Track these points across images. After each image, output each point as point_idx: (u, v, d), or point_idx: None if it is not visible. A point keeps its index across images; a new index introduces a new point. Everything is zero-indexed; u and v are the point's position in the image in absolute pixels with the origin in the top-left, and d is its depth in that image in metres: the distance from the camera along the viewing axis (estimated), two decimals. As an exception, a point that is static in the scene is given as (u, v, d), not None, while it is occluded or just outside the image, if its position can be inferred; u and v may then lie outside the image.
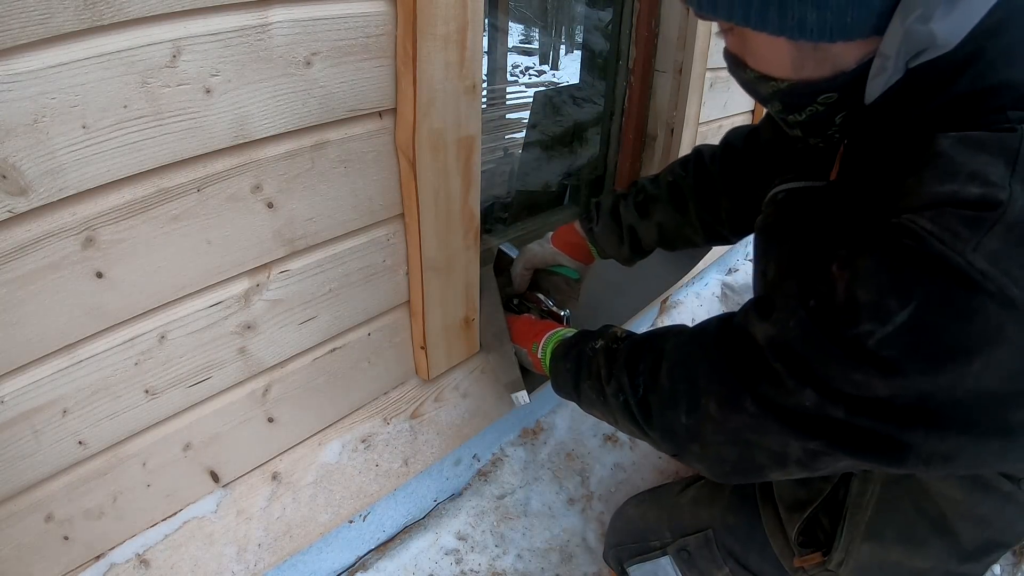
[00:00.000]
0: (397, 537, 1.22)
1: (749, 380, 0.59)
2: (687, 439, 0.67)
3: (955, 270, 0.45)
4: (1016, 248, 0.44)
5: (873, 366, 0.49)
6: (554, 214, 1.72)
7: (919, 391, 0.49)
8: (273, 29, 0.71)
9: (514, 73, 10.49)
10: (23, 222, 0.61)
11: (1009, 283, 0.44)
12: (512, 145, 2.46)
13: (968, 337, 0.46)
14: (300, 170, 0.81)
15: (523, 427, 1.48)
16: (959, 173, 0.47)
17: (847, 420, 0.52)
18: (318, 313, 0.93)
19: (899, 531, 0.74)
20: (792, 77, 0.56)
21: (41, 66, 0.57)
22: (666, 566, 1.01)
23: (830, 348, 0.51)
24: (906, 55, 0.50)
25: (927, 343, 0.47)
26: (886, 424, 0.51)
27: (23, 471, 0.71)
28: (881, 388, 0.50)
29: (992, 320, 0.45)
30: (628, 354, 0.76)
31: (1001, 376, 0.47)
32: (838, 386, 0.52)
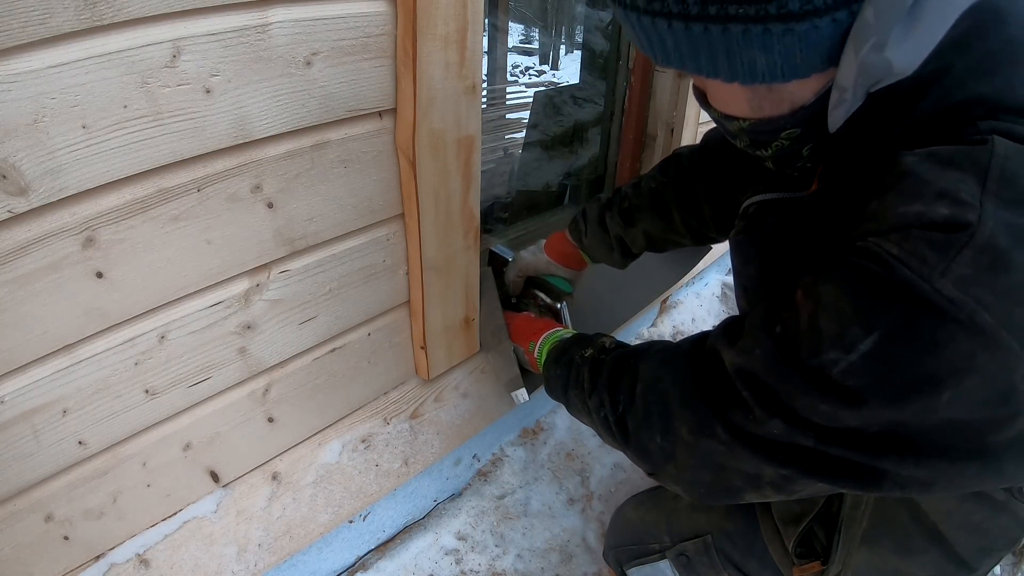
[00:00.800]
0: (397, 537, 1.22)
1: (719, 407, 0.58)
2: (662, 460, 0.67)
3: (922, 298, 0.42)
4: (987, 273, 0.41)
5: (838, 396, 0.48)
6: (554, 214, 1.73)
7: (888, 420, 0.47)
8: (273, 29, 0.71)
9: (514, 73, 10.49)
10: (23, 222, 0.61)
11: (980, 310, 0.41)
12: (512, 145, 2.46)
13: (936, 367, 0.44)
14: (300, 170, 0.81)
15: (523, 427, 1.48)
16: (926, 192, 0.45)
17: (818, 448, 0.51)
18: (318, 313, 0.93)
19: (895, 541, 0.74)
20: (752, 116, 0.55)
21: (41, 66, 0.57)
22: (665, 570, 1.01)
23: (794, 378, 0.50)
24: (864, 86, 0.48)
25: (893, 374, 0.45)
26: (858, 453, 0.50)
27: (23, 471, 0.71)
28: (849, 418, 0.49)
29: (962, 350, 0.43)
30: (610, 370, 0.76)
31: (974, 405, 0.45)
32: (806, 415, 0.51)
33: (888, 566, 0.77)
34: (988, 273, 0.41)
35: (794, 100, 0.52)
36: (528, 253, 1.18)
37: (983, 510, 0.69)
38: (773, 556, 0.90)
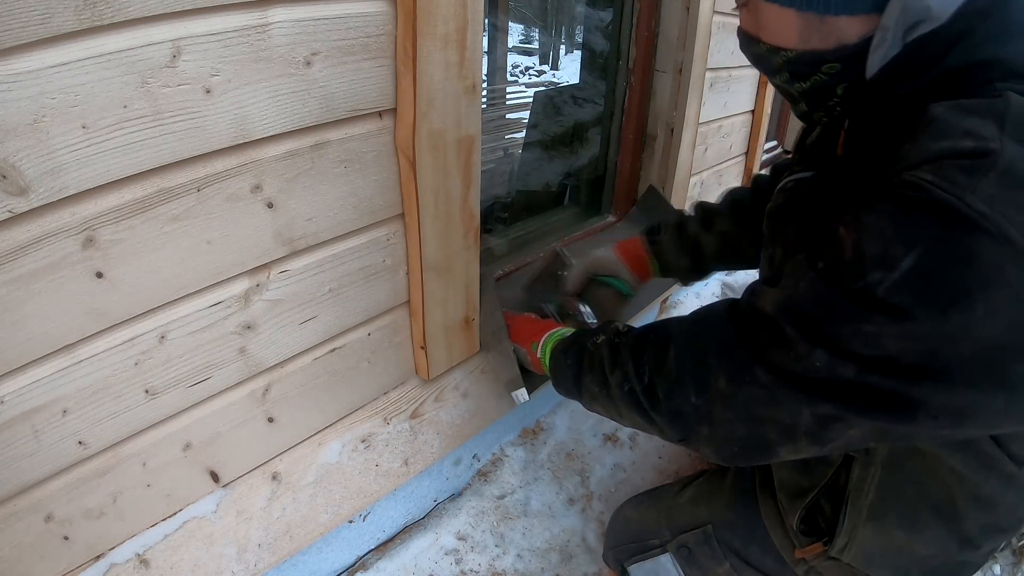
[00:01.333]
0: (397, 537, 1.22)
1: (760, 350, 0.60)
2: (695, 421, 0.67)
3: (956, 212, 0.47)
4: (1011, 192, 0.47)
5: (883, 313, 0.51)
6: (554, 214, 1.72)
7: (926, 345, 0.50)
8: (273, 29, 0.71)
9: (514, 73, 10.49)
10: (23, 222, 0.61)
11: (1007, 223, 0.46)
12: (512, 145, 2.46)
13: (971, 278, 0.48)
14: (300, 170, 0.81)
15: (523, 427, 1.48)
16: (953, 132, 0.50)
17: (858, 379, 0.54)
18: (318, 313, 0.93)
19: (901, 515, 0.75)
20: (799, 47, 0.60)
21: (41, 66, 0.57)
22: (666, 564, 1.00)
23: (840, 302, 0.53)
24: (904, 26, 0.54)
25: (933, 286, 0.49)
26: (896, 380, 0.52)
27: (23, 471, 0.71)
28: (890, 340, 0.51)
29: (992, 260, 0.47)
30: (633, 344, 0.77)
31: (1003, 325, 0.48)
32: (848, 344, 0.53)
33: (893, 543, 0.76)
34: (1012, 192, 0.47)
35: (840, 37, 0.58)
36: (601, 250, 1.18)
37: (994, 481, 0.68)
38: (774, 540, 0.90)
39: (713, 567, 0.96)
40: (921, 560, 0.78)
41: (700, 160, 1.86)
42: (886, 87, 0.59)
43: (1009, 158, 0.47)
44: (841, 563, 0.83)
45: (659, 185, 1.71)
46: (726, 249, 1.11)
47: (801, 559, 0.87)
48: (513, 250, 1.51)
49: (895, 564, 0.79)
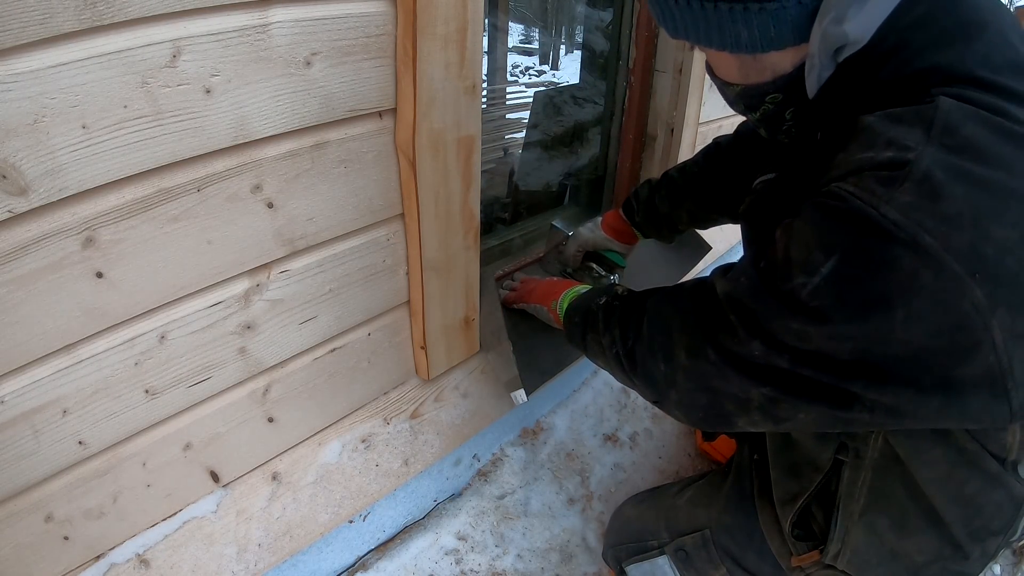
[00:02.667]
0: (397, 537, 1.21)
1: (711, 331, 0.65)
2: (665, 386, 0.73)
3: (871, 222, 0.49)
4: (926, 201, 0.48)
5: (806, 315, 0.54)
6: (554, 214, 1.72)
7: (855, 345, 0.53)
8: (273, 29, 0.71)
9: (514, 73, 10.48)
10: (23, 222, 0.61)
11: (921, 232, 0.48)
12: (512, 145, 2.46)
13: (887, 285, 0.50)
14: (300, 170, 0.81)
15: (523, 427, 1.48)
16: (877, 142, 0.53)
17: (792, 369, 0.57)
18: (318, 313, 0.93)
19: (892, 519, 0.76)
20: (743, 83, 0.67)
21: (41, 66, 0.57)
22: (663, 566, 1.01)
23: (771, 301, 0.57)
24: (828, 51, 0.58)
25: (850, 292, 0.51)
26: (828, 375, 0.55)
27: (23, 471, 0.71)
28: (817, 338, 0.54)
29: (907, 268, 0.49)
30: (621, 311, 0.82)
31: (928, 330, 0.50)
32: (781, 337, 0.57)
33: (886, 546, 0.77)
34: (927, 201, 0.48)
35: (775, 69, 0.63)
36: (586, 229, 1.28)
37: (976, 481, 0.69)
38: (771, 547, 0.90)
39: (709, 571, 0.96)
40: (918, 568, 0.78)
41: (700, 160, 1.86)
42: (827, 105, 0.62)
43: (926, 167, 0.49)
44: (836, 572, 0.83)
45: (659, 185, 1.71)
46: (697, 221, 1.19)
47: (797, 567, 0.87)
48: (513, 250, 1.51)
49: (890, 570, 0.79)
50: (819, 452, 0.81)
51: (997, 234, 0.48)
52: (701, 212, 1.15)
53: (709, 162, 1.13)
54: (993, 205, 0.49)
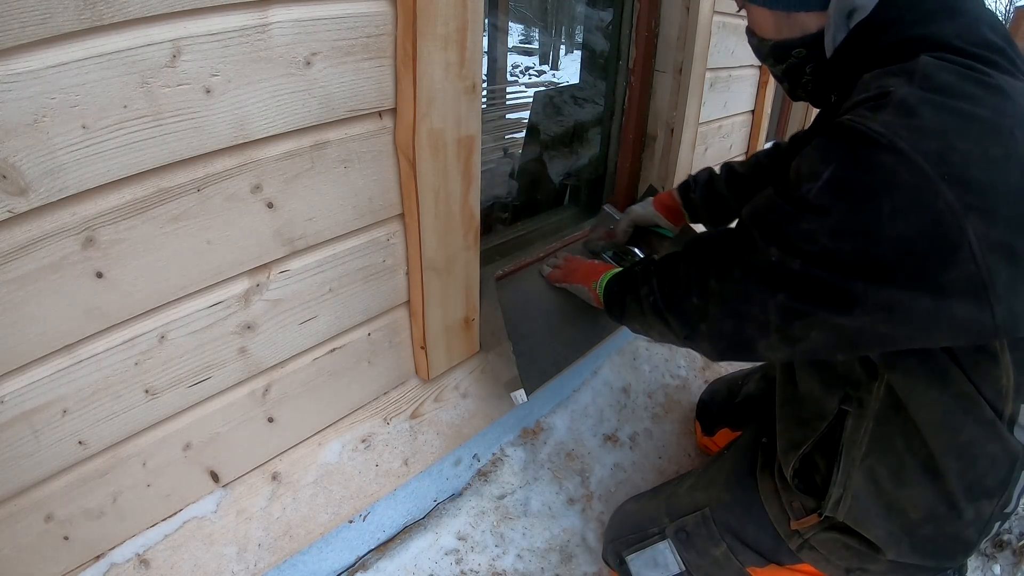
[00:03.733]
0: (397, 537, 1.21)
1: (736, 251, 0.75)
2: (697, 318, 0.82)
3: (859, 134, 0.62)
4: (902, 118, 0.60)
5: (812, 213, 0.65)
6: (554, 214, 1.72)
7: (854, 244, 0.62)
8: (273, 29, 0.71)
9: (514, 73, 10.48)
10: (23, 222, 0.61)
11: (897, 139, 0.59)
12: (512, 145, 2.46)
13: (872, 180, 0.61)
14: (300, 170, 0.81)
15: (523, 427, 1.48)
16: (871, 88, 0.66)
17: (803, 271, 0.67)
18: (318, 313, 0.93)
19: (891, 470, 0.80)
20: (776, 38, 0.81)
21: (41, 66, 0.57)
22: (664, 550, 1.02)
23: (785, 208, 0.68)
24: (842, 14, 0.72)
25: (845, 188, 0.63)
26: (833, 274, 0.65)
27: (23, 471, 0.71)
28: (822, 236, 0.64)
29: (887, 165, 0.60)
30: (659, 264, 0.93)
31: (911, 227, 0.59)
32: (794, 241, 0.67)
33: (884, 498, 0.81)
34: (903, 118, 0.60)
35: (804, 28, 0.77)
36: (639, 206, 1.40)
37: (970, 428, 0.73)
38: (770, 515, 0.94)
39: (710, 549, 0.98)
40: (913, 527, 0.80)
41: (700, 160, 1.86)
42: (840, 63, 0.76)
43: (903, 95, 0.61)
44: (834, 534, 0.86)
45: (659, 185, 1.71)
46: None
47: (795, 532, 0.90)
48: (513, 250, 1.51)
49: (887, 527, 0.81)
50: (824, 402, 0.85)
51: (961, 146, 0.59)
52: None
53: (771, 160, 1.23)
54: (957, 124, 0.60)
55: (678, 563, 1.00)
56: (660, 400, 1.66)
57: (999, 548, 1.34)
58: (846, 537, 0.85)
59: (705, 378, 1.77)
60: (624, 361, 1.73)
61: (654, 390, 1.69)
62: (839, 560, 0.88)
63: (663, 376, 1.74)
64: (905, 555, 0.82)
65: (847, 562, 0.87)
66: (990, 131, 0.59)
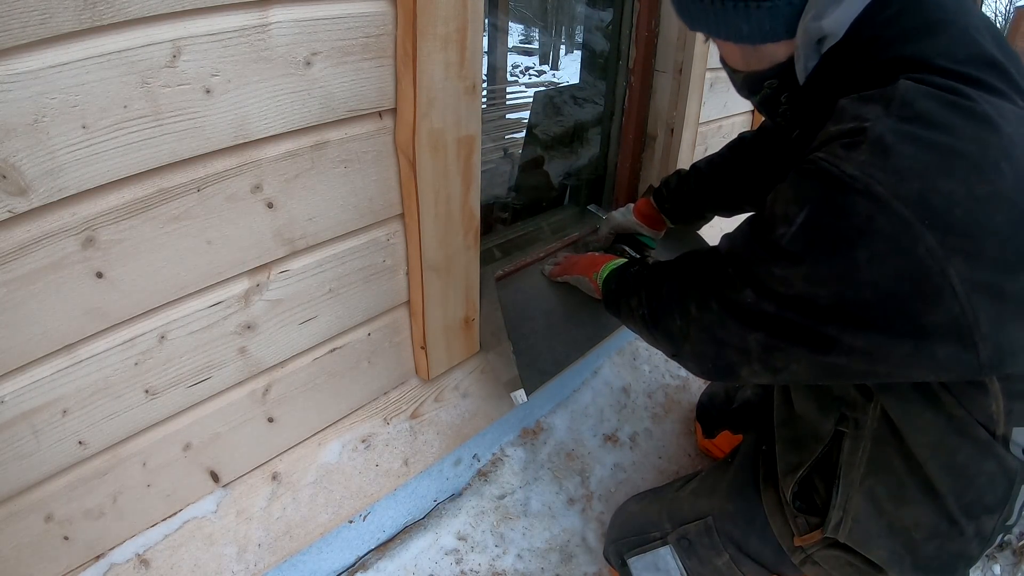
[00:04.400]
0: (397, 537, 1.21)
1: (715, 284, 0.74)
2: (681, 340, 0.81)
3: (832, 177, 0.59)
4: (878, 158, 0.57)
5: (786, 260, 0.63)
6: (554, 214, 1.72)
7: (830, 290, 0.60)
8: (273, 29, 0.71)
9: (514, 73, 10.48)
10: (23, 222, 0.61)
11: (873, 183, 0.56)
12: (512, 145, 2.46)
13: (848, 228, 0.58)
14: (300, 170, 0.81)
15: (523, 427, 1.48)
16: (846, 118, 0.62)
17: (778, 314, 0.66)
18: (318, 313, 0.93)
19: (890, 491, 0.79)
20: (746, 70, 0.77)
21: (41, 66, 0.57)
22: (666, 556, 1.01)
23: (759, 250, 0.67)
24: (810, 44, 0.67)
25: (819, 235, 0.60)
26: (809, 318, 0.63)
27: (23, 471, 0.71)
28: (797, 282, 0.62)
29: (863, 212, 0.57)
30: (648, 276, 0.92)
31: (890, 273, 0.57)
32: (768, 284, 0.66)
33: (885, 518, 0.80)
34: (879, 159, 0.57)
35: (772, 58, 0.73)
36: (619, 214, 1.38)
37: (966, 449, 0.73)
38: (774, 529, 0.92)
39: (712, 558, 0.97)
40: (916, 545, 0.79)
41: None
42: (814, 89, 0.71)
43: (879, 132, 0.57)
44: (837, 552, 0.85)
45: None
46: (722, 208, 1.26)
47: (799, 548, 0.89)
48: (513, 250, 1.51)
49: (891, 547, 0.80)
50: (820, 424, 0.84)
51: (944, 187, 0.55)
52: (725, 200, 1.23)
53: (734, 154, 1.22)
54: (939, 162, 0.56)
55: (680, 569, 1.00)
56: (660, 400, 1.66)
57: (999, 548, 1.34)
58: (849, 556, 0.85)
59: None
60: (624, 361, 1.73)
61: (654, 390, 1.69)
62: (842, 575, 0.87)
63: (663, 376, 1.74)
64: (908, 573, 0.81)
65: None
66: (974, 168, 0.55)
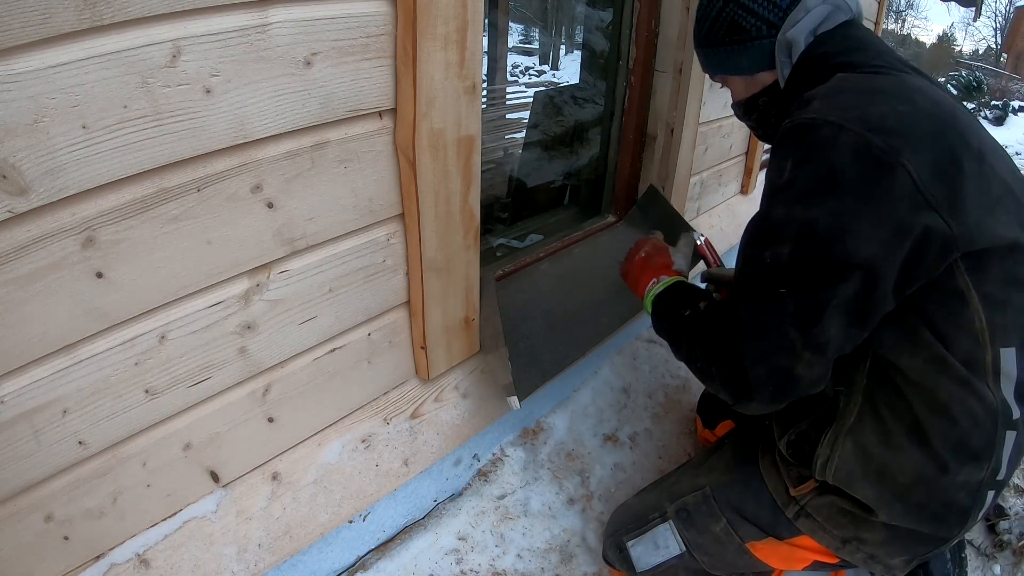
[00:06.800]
0: (397, 537, 1.21)
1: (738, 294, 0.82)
2: (738, 385, 0.82)
3: (798, 125, 0.78)
4: (824, 104, 0.78)
5: (783, 190, 0.78)
6: (554, 214, 1.73)
7: (820, 202, 0.75)
8: (273, 29, 0.71)
9: (514, 73, 10.48)
10: (23, 222, 0.61)
11: (827, 116, 0.75)
12: (512, 145, 2.46)
13: (819, 146, 0.75)
14: (300, 170, 0.81)
15: (523, 427, 1.48)
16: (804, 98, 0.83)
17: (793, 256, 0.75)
18: (318, 313, 0.93)
19: (879, 436, 0.84)
20: (746, 96, 1.01)
21: (41, 66, 0.57)
22: (665, 532, 1.04)
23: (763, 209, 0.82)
24: (784, 53, 0.91)
25: (802, 160, 0.76)
26: (816, 248, 0.74)
27: (23, 471, 0.71)
28: (795, 207, 0.76)
29: (827, 135, 0.74)
30: (698, 325, 0.93)
31: (859, 170, 0.73)
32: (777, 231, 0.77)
33: (873, 462, 0.84)
34: (825, 103, 0.78)
35: (763, 83, 0.98)
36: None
37: (946, 386, 0.79)
38: (769, 485, 0.97)
39: (710, 526, 1.00)
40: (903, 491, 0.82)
41: (700, 160, 1.86)
42: (791, 89, 0.92)
43: (822, 93, 0.80)
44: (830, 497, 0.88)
45: (659, 185, 1.71)
46: None
47: (793, 500, 0.93)
48: (513, 250, 1.51)
49: (878, 487, 0.84)
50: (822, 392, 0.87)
51: (875, 110, 0.75)
52: None
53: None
54: (868, 98, 0.77)
55: (679, 543, 1.03)
56: (660, 400, 1.66)
57: (999, 548, 1.34)
58: (841, 500, 0.88)
59: (705, 378, 1.77)
60: (624, 361, 1.73)
61: (654, 390, 1.69)
62: (835, 529, 0.90)
63: (663, 376, 1.74)
64: (898, 517, 0.84)
65: (843, 531, 0.89)
66: (893, 96, 0.77)
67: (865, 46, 0.89)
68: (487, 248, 1.40)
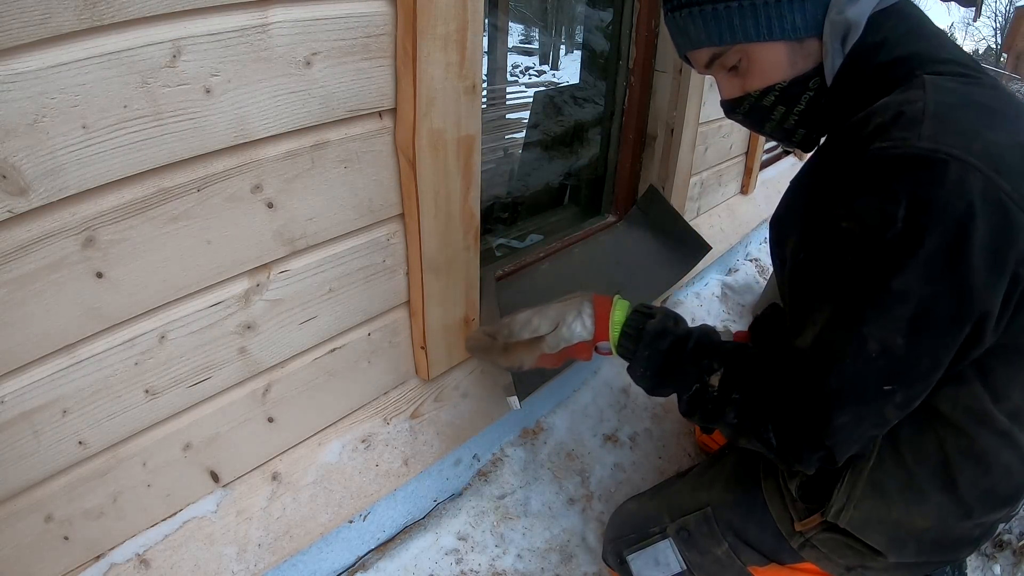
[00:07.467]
0: (397, 537, 1.21)
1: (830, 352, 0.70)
2: (811, 453, 0.72)
3: (911, 157, 0.62)
4: (940, 127, 0.62)
5: (902, 247, 0.63)
6: (554, 214, 1.73)
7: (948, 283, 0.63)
8: (273, 29, 0.71)
9: (514, 73, 10.49)
10: (23, 222, 0.61)
11: (948, 147, 0.61)
12: (512, 145, 2.46)
13: (948, 194, 0.60)
14: (300, 170, 0.81)
15: (523, 427, 1.48)
16: (888, 111, 0.67)
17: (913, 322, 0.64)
18: (318, 313, 0.93)
19: (900, 483, 0.79)
20: (789, 76, 0.76)
21: (41, 66, 0.57)
22: (665, 549, 1.01)
23: (870, 263, 0.65)
24: (837, 37, 0.72)
25: (928, 214, 0.61)
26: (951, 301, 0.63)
27: (23, 471, 0.71)
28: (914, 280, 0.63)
29: (954, 177, 0.60)
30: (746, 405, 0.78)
31: (990, 226, 0.61)
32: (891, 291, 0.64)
33: (892, 515, 0.80)
34: (941, 125, 0.62)
35: (815, 56, 0.75)
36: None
37: (987, 435, 0.74)
38: (773, 514, 0.93)
39: (712, 548, 0.98)
40: (920, 533, 0.80)
41: (700, 160, 1.86)
42: (842, 87, 0.75)
43: (934, 106, 0.63)
44: (836, 535, 0.85)
45: (659, 185, 1.71)
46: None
47: (799, 532, 0.89)
48: (513, 250, 1.51)
49: (892, 533, 0.81)
50: None
51: (993, 138, 0.62)
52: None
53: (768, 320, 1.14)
54: (986, 118, 0.64)
55: (679, 562, 1.00)
56: (660, 400, 1.66)
57: (999, 548, 1.34)
58: (848, 539, 0.85)
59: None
60: (624, 361, 1.73)
61: (654, 390, 1.69)
62: (840, 559, 0.88)
63: (663, 376, 1.74)
64: (908, 557, 0.82)
65: (848, 560, 0.88)
66: (1006, 118, 0.65)
67: (927, 33, 0.74)
68: (487, 248, 1.40)
